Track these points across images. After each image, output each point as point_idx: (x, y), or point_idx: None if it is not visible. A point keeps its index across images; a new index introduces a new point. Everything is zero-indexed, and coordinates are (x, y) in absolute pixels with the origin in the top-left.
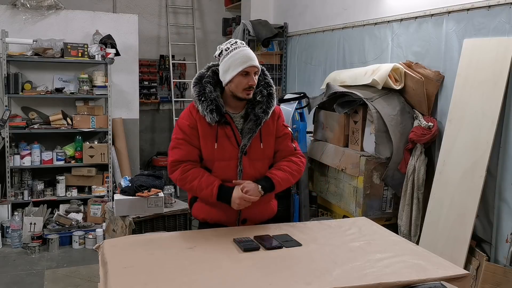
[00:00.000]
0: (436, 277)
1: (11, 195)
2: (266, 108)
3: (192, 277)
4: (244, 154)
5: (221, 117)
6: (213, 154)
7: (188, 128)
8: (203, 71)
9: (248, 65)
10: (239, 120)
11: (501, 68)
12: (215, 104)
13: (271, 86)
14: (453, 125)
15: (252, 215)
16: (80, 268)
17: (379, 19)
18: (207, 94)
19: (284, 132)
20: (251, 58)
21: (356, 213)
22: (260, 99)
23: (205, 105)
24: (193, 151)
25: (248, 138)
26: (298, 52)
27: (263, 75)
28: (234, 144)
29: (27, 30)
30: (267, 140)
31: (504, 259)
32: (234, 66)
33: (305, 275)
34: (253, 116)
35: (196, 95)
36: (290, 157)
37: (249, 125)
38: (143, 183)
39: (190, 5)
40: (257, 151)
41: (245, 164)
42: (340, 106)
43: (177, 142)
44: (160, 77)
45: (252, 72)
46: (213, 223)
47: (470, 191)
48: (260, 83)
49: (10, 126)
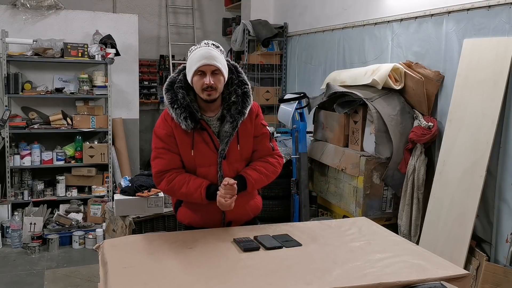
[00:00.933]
0: (436, 277)
1: (11, 195)
2: (241, 109)
3: (192, 277)
4: (223, 159)
5: (197, 123)
6: (192, 161)
7: (166, 136)
8: (174, 75)
9: (201, 64)
10: (216, 123)
11: (501, 68)
12: (189, 111)
13: (246, 84)
14: (453, 125)
15: (236, 216)
16: (80, 268)
17: (379, 19)
18: (180, 100)
19: (262, 131)
20: (205, 57)
21: (356, 213)
22: (235, 99)
23: (178, 112)
24: (175, 158)
25: (226, 142)
26: (298, 52)
27: (236, 72)
28: (213, 149)
29: (27, 30)
30: (244, 141)
31: (504, 259)
32: (190, 66)
33: (305, 275)
34: (229, 118)
35: (168, 102)
36: (267, 157)
37: (226, 127)
38: (143, 183)
39: (190, 5)
40: (235, 153)
41: (224, 169)
42: (340, 106)
43: (158, 152)
44: (160, 77)
45: (208, 71)
46: (199, 228)
47: (470, 191)
48: (234, 82)
49: (10, 126)
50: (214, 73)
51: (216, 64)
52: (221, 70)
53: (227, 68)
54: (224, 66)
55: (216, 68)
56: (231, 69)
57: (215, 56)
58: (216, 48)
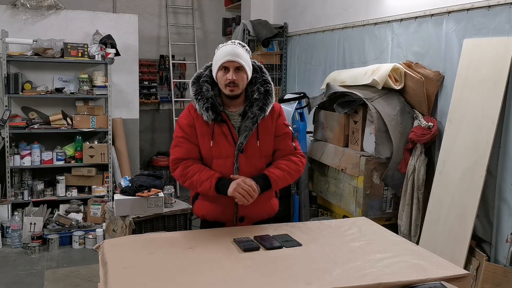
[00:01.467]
0: (436, 277)
1: (11, 195)
2: (262, 106)
3: (192, 277)
4: (240, 152)
5: (217, 115)
6: (210, 152)
7: (187, 127)
8: (201, 70)
9: (225, 60)
10: (237, 118)
11: (501, 68)
12: (211, 103)
13: (269, 83)
14: (453, 125)
15: (250, 213)
16: (80, 268)
17: (379, 19)
18: (204, 93)
19: (285, 131)
20: (229, 53)
21: (356, 213)
22: (257, 96)
23: (201, 104)
24: (193, 149)
25: (244, 136)
26: (298, 52)
27: (261, 72)
28: (231, 142)
29: (27, 30)
30: (264, 138)
31: (504, 259)
32: (215, 62)
33: (305, 275)
34: (250, 114)
35: (193, 94)
36: (289, 156)
37: (246, 123)
38: (143, 183)
39: (190, 5)
40: (254, 149)
41: (241, 162)
42: (340, 106)
43: (178, 141)
44: (160, 77)
45: (231, 67)
46: (212, 221)
47: (470, 191)
48: (258, 81)
49: (10, 126)
50: (237, 70)
51: (240, 61)
52: (244, 67)
53: (251, 66)
54: (247, 64)
55: (239, 64)
56: (256, 69)
57: (239, 54)
58: (242, 47)
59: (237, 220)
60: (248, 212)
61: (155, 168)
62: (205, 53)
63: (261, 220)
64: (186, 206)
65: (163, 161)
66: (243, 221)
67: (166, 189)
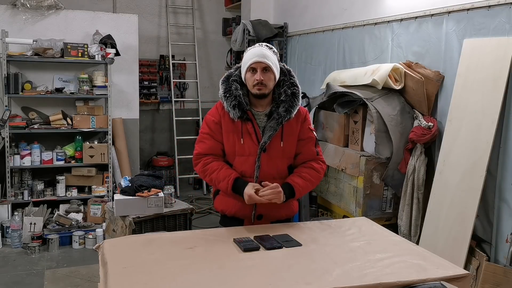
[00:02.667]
0: (436, 277)
1: (11, 195)
2: (288, 107)
3: (192, 277)
4: (263, 151)
5: (243, 113)
6: (234, 149)
7: (213, 124)
8: (232, 71)
9: (253, 61)
10: (263, 118)
11: (501, 68)
12: (238, 101)
13: (296, 86)
14: (453, 125)
15: (268, 211)
16: (80, 268)
17: (379, 19)
18: (232, 91)
19: (309, 135)
20: (257, 55)
21: (356, 213)
22: (283, 98)
23: (229, 101)
24: (216, 145)
25: (268, 136)
26: (298, 52)
27: (289, 75)
28: (255, 140)
29: (27, 30)
30: (288, 139)
31: (504, 259)
32: (244, 63)
33: (305, 275)
34: (276, 115)
35: (222, 92)
36: (311, 162)
37: (271, 123)
38: (143, 183)
39: (190, 5)
40: (277, 149)
41: (263, 161)
42: (340, 106)
43: (202, 137)
44: (160, 77)
45: (259, 68)
46: (230, 216)
47: (470, 191)
48: (285, 83)
49: (10, 126)
50: (264, 70)
51: (267, 61)
52: (272, 68)
53: (278, 68)
54: (275, 65)
55: (266, 65)
56: (284, 72)
57: (267, 55)
58: (270, 49)
59: (255, 217)
60: (267, 211)
61: (155, 168)
62: (205, 53)
63: (279, 220)
64: (186, 206)
65: (163, 161)
66: (261, 219)
67: (166, 189)
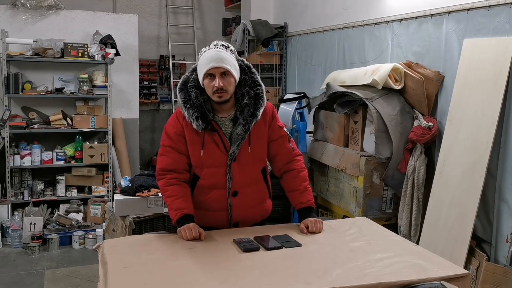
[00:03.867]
0: (436, 277)
1: (11, 195)
2: (254, 111)
3: (192, 277)
4: (233, 161)
5: (207, 124)
6: (201, 161)
7: (175, 135)
8: (188, 74)
9: (209, 67)
10: (228, 124)
11: (501, 68)
12: (201, 111)
13: (259, 85)
14: (453, 125)
15: (243, 217)
16: (80, 268)
17: (379, 19)
18: (193, 100)
19: (280, 134)
20: (213, 59)
21: (356, 213)
22: (247, 101)
23: (190, 112)
24: (180, 158)
25: (237, 145)
26: (298, 52)
27: (250, 73)
28: (223, 150)
29: (27, 30)
30: (257, 143)
31: (504, 259)
32: (200, 69)
33: (305, 275)
34: (242, 120)
35: (182, 102)
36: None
37: (238, 130)
38: (143, 183)
39: (190, 5)
40: (247, 155)
41: (234, 170)
42: (340, 106)
43: (164, 150)
44: (160, 77)
45: (217, 74)
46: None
47: (470, 191)
48: (247, 83)
49: (10, 126)
50: (223, 75)
51: (225, 66)
52: (231, 72)
53: (238, 69)
54: (234, 67)
55: (225, 70)
56: (244, 69)
57: (224, 58)
58: (226, 48)
59: (231, 226)
60: (242, 217)
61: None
62: None
63: (255, 223)
64: None
65: None
66: (237, 226)
67: None
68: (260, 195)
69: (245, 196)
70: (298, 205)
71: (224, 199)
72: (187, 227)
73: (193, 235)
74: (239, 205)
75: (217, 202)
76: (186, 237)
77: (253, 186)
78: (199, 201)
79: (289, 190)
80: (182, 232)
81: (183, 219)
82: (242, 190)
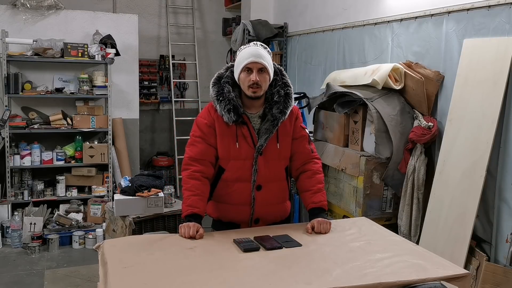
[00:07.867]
0: (436, 277)
1: (11, 195)
2: (283, 109)
3: (192, 277)
4: (260, 154)
5: (238, 117)
6: (229, 153)
7: (206, 127)
8: (222, 71)
9: (249, 61)
10: (257, 120)
11: (501, 68)
12: (233, 104)
13: (289, 86)
14: (453, 125)
15: (265, 215)
16: (80, 268)
17: (379, 19)
18: (225, 94)
19: (301, 134)
20: (253, 55)
21: (356, 213)
22: (277, 99)
23: (223, 105)
24: (208, 149)
25: (264, 139)
26: (298, 52)
27: (281, 75)
28: (251, 144)
29: (27, 30)
30: (283, 140)
31: (504, 259)
32: (238, 63)
33: (305, 275)
34: (270, 117)
35: (214, 95)
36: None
37: (266, 125)
38: (143, 183)
39: (190, 5)
40: (274, 151)
41: (260, 164)
42: (340, 106)
43: (194, 140)
44: (160, 77)
45: (254, 69)
46: (226, 221)
47: (470, 191)
48: (278, 83)
49: (10, 126)
50: (260, 71)
51: (263, 62)
52: (267, 69)
53: (273, 68)
54: (270, 65)
55: (262, 66)
56: (276, 71)
57: (262, 55)
58: (264, 48)
59: (253, 221)
60: (264, 214)
61: (155, 168)
62: (205, 53)
63: (275, 222)
64: None
65: (163, 161)
66: (258, 222)
67: (166, 189)
68: (282, 193)
69: (268, 191)
70: (310, 205)
71: (248, 192)
72: (188, 225)
73: (190, 234)
74: (262, 200)
75: (241, 195)
76: (184, 234)
77: (277, 182)
78: (223, 194)
79: (303, 190)
80: (181, 228)
81: (191, 216)
82: (266, 185)
